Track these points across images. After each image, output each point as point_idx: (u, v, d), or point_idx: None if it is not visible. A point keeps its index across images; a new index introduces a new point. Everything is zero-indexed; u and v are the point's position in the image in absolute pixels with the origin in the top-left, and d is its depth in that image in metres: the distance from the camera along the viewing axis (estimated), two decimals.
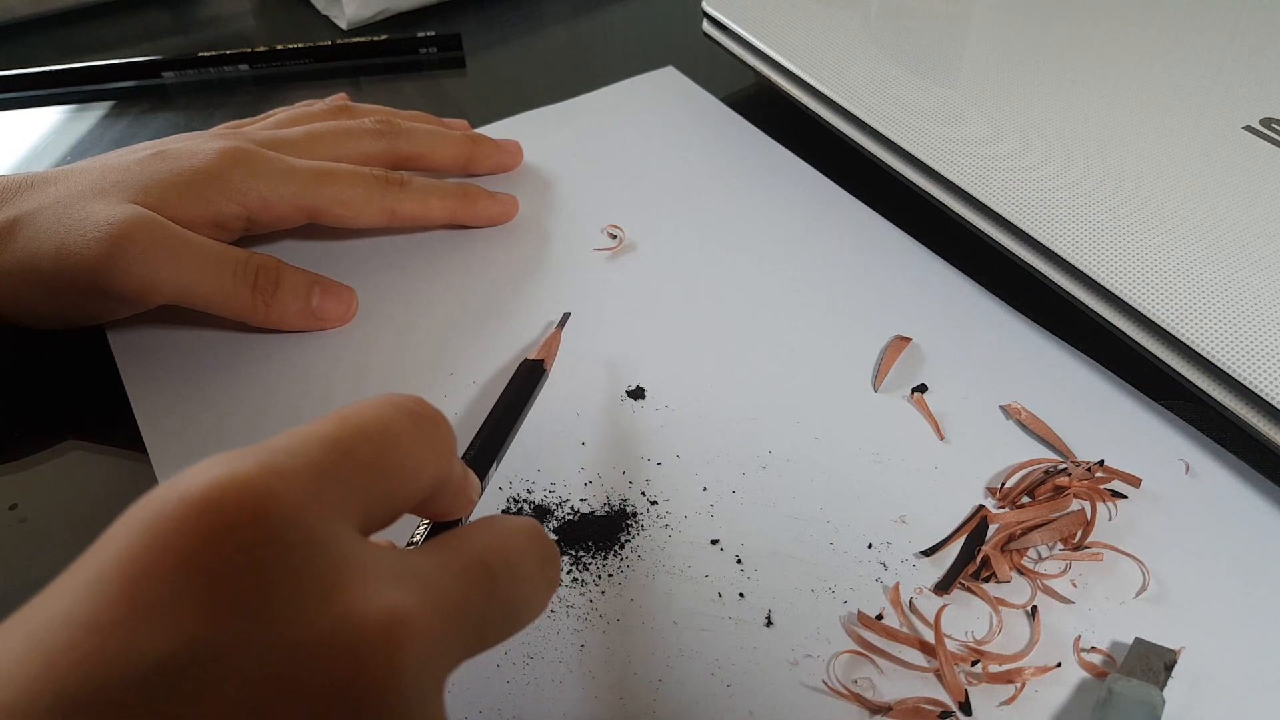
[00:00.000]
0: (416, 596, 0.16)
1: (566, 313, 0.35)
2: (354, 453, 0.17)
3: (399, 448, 0.18)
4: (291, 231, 0.38)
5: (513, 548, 0.19)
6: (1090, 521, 0.29)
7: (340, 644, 0.15)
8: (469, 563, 0.18)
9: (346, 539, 0.16)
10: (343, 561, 0.16)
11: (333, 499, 0.16)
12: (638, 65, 0.49)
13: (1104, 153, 0.35)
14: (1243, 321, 0.29)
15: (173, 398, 0.33)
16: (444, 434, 0.20)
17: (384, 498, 0.18)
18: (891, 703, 0.25)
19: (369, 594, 0.15)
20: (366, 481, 0.17)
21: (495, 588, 0.18)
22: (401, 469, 0.18)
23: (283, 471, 0.16)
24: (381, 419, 0.18)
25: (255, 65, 0.50)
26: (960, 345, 0.34)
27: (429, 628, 0.16)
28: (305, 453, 0.16)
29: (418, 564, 0.17)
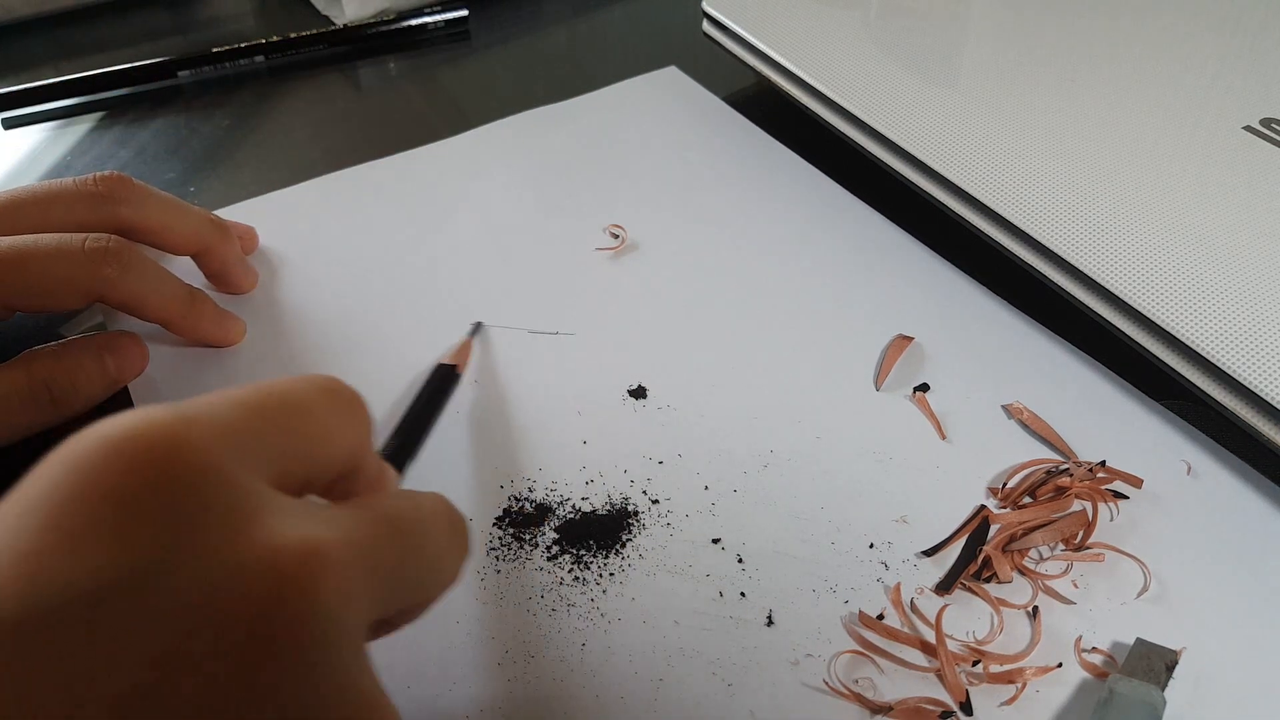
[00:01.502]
0: (330, 532, 0.17)
1: (478, 322, 0.35)
2: (267, 414, 0.18)
3: (312, 416, 0.19)
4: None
5: (422, 511, 0.20)
6: (1092, 522, 0.29)
7: (257, 571, 0.15)
8: (378, 516, 0.19)
9: (258, 485, 0.17)
10: (256, 499, 0.16)
11: (244, 451, 0.17)
12: (638, 65, 0.49)
13: (1104, 153, 0.35)
14: (1243, 321, 0.29)
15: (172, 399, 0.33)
16: (359, 410, 0.20)
17: (296, 462, 0.18)
18: (892, 703, 0.25)
19: (285, 527, 0.16)
20: (278, 442, 0.18)
21: (406, 539, 0.19)
22: (314, 436, 0.19)
23: (196, 420, 0.16)
24: (296, 389, 0.19)
25: (270, 56, 0.51)
26: (962, 345, 0.34)
27: (343, 561, 0.16)
28: (218, 408, 0.17)
29: (329, 512, 0.18)
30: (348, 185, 0.42)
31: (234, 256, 0.35)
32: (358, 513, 0.18)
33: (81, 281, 0.29)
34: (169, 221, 0.33)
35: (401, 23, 0.53)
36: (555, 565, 0.28)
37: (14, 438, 0.30)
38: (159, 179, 0.43)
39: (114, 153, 0.45)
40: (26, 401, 0.30)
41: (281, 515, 0.16)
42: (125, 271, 0.30)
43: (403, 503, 0.20)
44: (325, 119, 0.47)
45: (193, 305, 0.33)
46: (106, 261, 0.29)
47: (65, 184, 0.31)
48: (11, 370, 0.30)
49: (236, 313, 0.35)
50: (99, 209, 0.31)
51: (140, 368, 0.33)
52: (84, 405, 0.31)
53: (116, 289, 0.30)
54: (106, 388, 0.32)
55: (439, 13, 0.53)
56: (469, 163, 0.43)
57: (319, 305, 0.36)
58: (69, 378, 0.30)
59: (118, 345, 0.32)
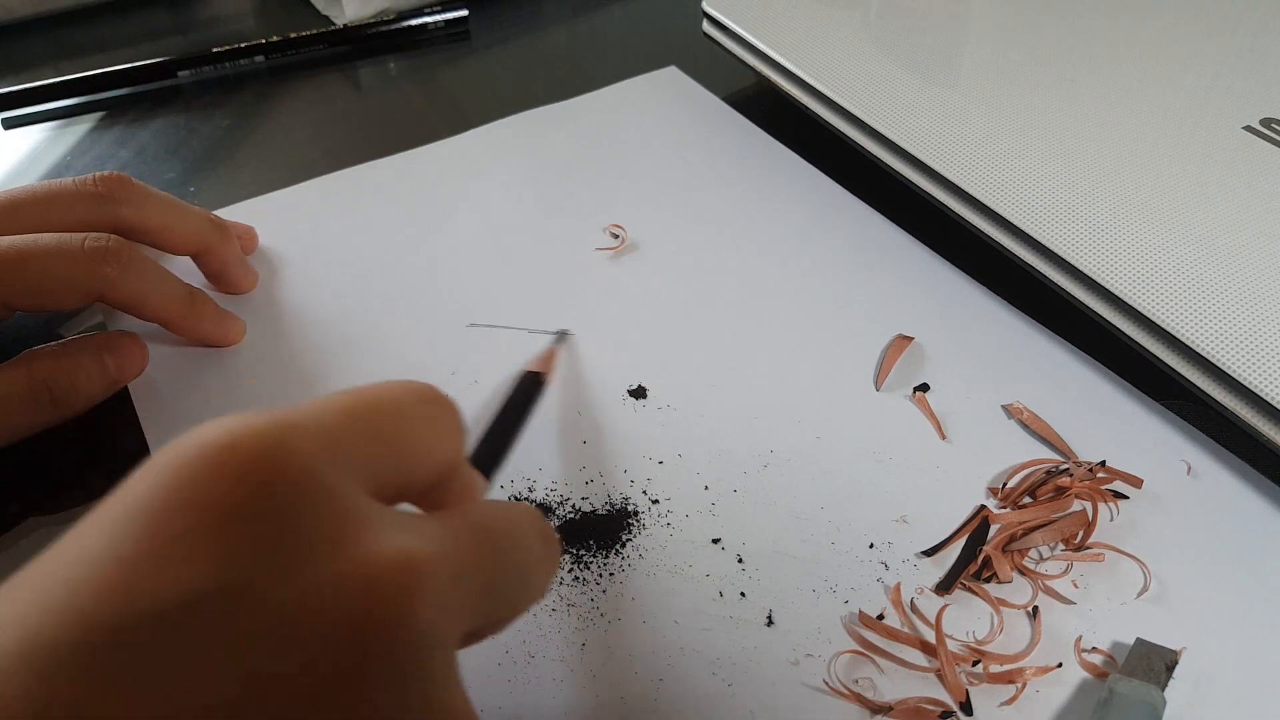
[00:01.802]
0: (426, 545, 0.16)
1: (563, 329, 0.34)
2: (366, 422, 0.18)
3: (410, 424, 0.19)
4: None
5: (513, 521, 0.20)
6: (1092, 522, 0.29)
7: (354, 583, 0.15)
8: (473, 527, 0.19)
9: (356, 493, 0.16)
10: (354, 510, 0.16)
11: (344, 460, 0.17)
12: (638, 65, 0.49)
13: (1104, 153, 0.35)
14: (1243, 321, 0.29)
15: (176, 404, 0.32)
16: (454, 419, 0.20)
17: (394, 470, 0.18)
18: (892, 703, 0.25)
19: (381, 539, 0.16)
20: (377, 450, 0.18)
21: (500, 553, 0.19)
22: (412, 445, 0.19)
23: (298, 427, 0.16)
24: (394, 396, 0.19)
25: (270, 56, 0.51)
26: (962, 345, 0.34)
27: (439, 574, 0.16)
28: (319, 416, 0.17)
29: (425, 523, 0.18)
30: (348, 185, 0.42)
31: (234, 256, 0.35)
32: (452, 523, 0.18)
33: (81, 281, 0.29)
34: (169, 221, 0.33)
35: (401, 23, 0.53)
36: None
37: (14, 438, 0.30)
38: (159, 179, 0.43)
39: (114, 153, 0.45)
40: (26, 401, 0.30)
41: (378, 527, 0.16)
42: (125, 271, 0.30)
43: (495, 514, 0.20)
44: (325, 119, 0.47)
45: (193, 305, 0.33)
46: (106, 261, 0.29)
47: (65, 184, 0.31)
48: (11, 370, 0.30)
49: (236, 313, 0.35)
50: (99, 209, 0.31)
51: (140, 368, 0.33)
52: (84, 405, 0.31)
53: (116, 288, 0.30)
54: (106, 388, 0.32)
55: (439, 13, 0.53)
56: (469, 163, 0.43)
57: (319, 305, 0.36)
58: (69, 377, 0.30)
59: (118, 345, 0.32)
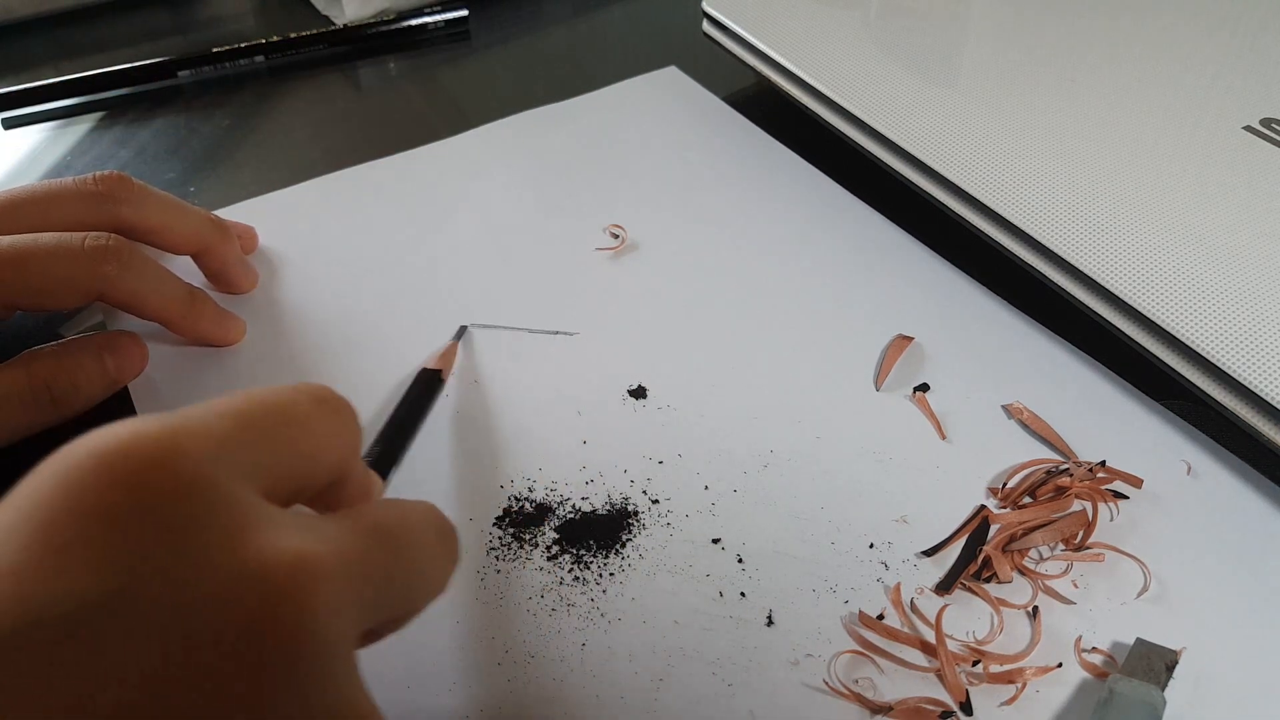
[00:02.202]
0: (320, 545, 0.16)
1: (463, 326, 0.35)
2: (258, 424, 0.18)
3: (303, 426, 0.19)
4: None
5: (411, 518, 0.20)
6: (1092, 522, 0.29)
7: (249, 585, 0.15)
8: (368, 526, 0.19)
9: (250, 497, 0.16)
10: (247, 512, 0.16)
11: (236, 463, 0.17)
12: (638, 65, 0.49)
13: (1104, 153, 0.35)
14: (1243, 321, 0.29)
15: (176, 404, 0.32)
16: (348, 420, 0.20)
17: (287, 472, 0.18)
18: (892, 703, 0.25)
19: (276, 539, 0.16)
20: (269, 453, 0.18)
21: (394, 550, 0.19)
22: (304, 446, 0.19)
23: (188, 431, 0.16)
24: (287, 398, 0.19)
25: (270, 56, 0.51)
26: (962, 345, 0.34)
27: (334, 573, 0.16)
28: (209, 419, 0.17)
29: (319, 523, 0.18)
30: (348, 185, 0.42)
31: (234, 256, 0.35)
32: (347, 523, 0.18)
33: (81, 280, 0.29)
34: (169, 221, 0.33)
35: (401, 23, 0.53)
36: (555, 565, 0.28)
37: (14, 438, 0.30)
38: (159, 179, 0.43)
39: (114, 153, 0.45)
40: (26, 401, 0.30)
41: (272, 528, 0.16)
42: (125, 270, 0.30)
43: (391, 512, 0.20)
44: (325, 119, 0.47)
45: (193, 304, 0.33)
46: (106, 260, 0.29)
47: (65, 184, 0.31)
48: (11, 370, 0.30)
49: (236, 313, 0.35)
50: (99, 208, 0.31)
51: (140, 367, 0.33)
52: (84, 405, 0.31)
53: (116, 287, 0.30)
54: (106, 387, 0.32)
55: (439, 13, 0.53)
56: (469, 163, 0.43)
57: (319, 305, 0.36)
58: (69, 377, 0.30)
59: (117, 345, 0.32)
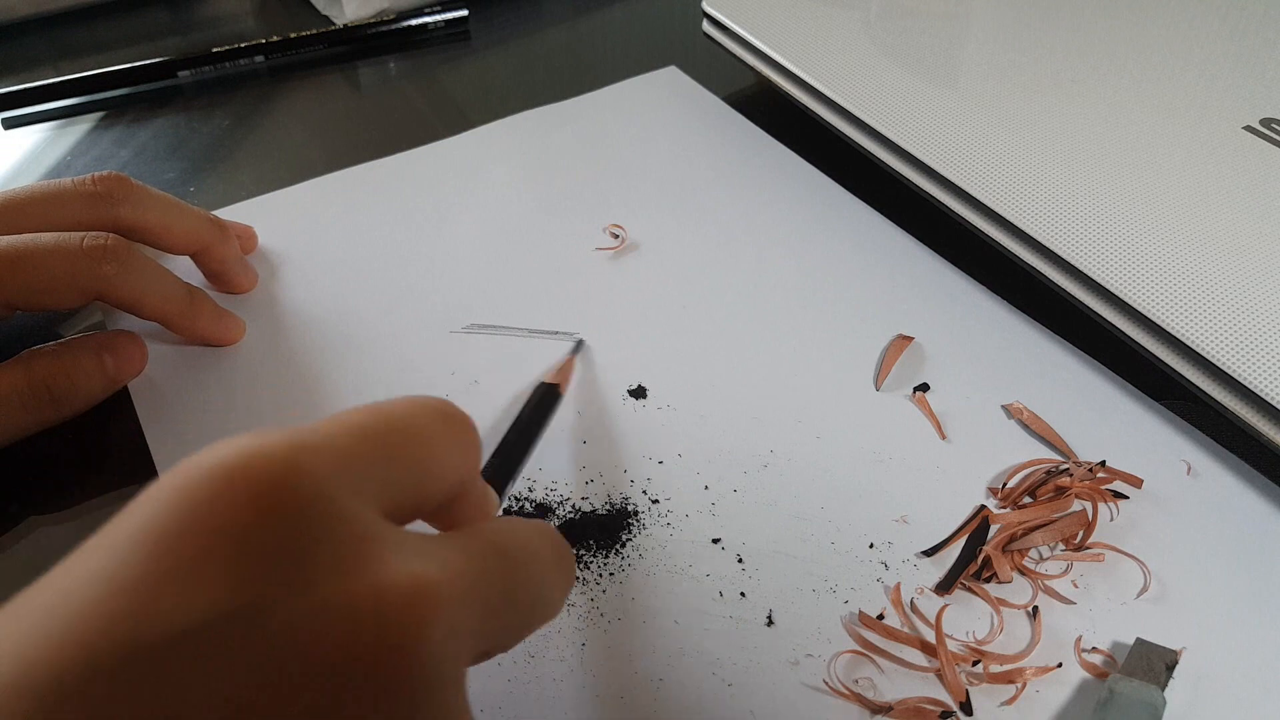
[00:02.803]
0: (438, 569, 0.16)
1: (580, 339, 0.34)
2: (382, 441, 0.18)
3: (426, 443, 0.18)
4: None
5: (528, 539, 0.20)
6: (1092, 522, 0.29)
7: (365, 610, 0.15)
8: (487, 547, 0.18)
9: (370, 516, 0.16)
10: (367, 534, 0.16)
11: (358, 481, 0.17)
12: (639, 65, 0.49)
13: (1104, 153, 0.35)
14: (1243, 321, 0.29)
15: (176, 404, 0.32)
16: (470, 437, 0.20)
17: (408, 490, 0.18)
18: (892, 703, 0.25)
19: (393, 564, 0.16)
20: (392, 470, 0.18)
21: (513, 573, 0.19)
22: (427, 464, 0.18)
23: (311, 448, 0.16)
24: (411, 414, 0.19)
25: (271, 56, 0.51)
26: (962, 345, 0.34)
27: (450, 599, 0.16)
28: (333, 435, 0.17)
29: (437, 544, 0.17)
30: (348, 185, 0.42)
31: (233, 256, 0.35)
32: (466, 544, 0.18)
33: (80, 279, 0.29)
34: (168, 221, 0.33)
35: (401, 23, 0.53)
36: None
37: (14, 437, 0.30)
38: (159, 179, 0.43)
39: (114, 153, 0.45)
40: (26, 401, 0.30)
41: (390, 550, 0.16)
42: (124, 269, 0.30)
43: (510, 532, 0.19)
44: (325, 119, 0.47)
45: (192, 304, 0.33)
46: (105, 259, 0.29)
47: (64, 184, 0.31)
48: (11, 370, 0.30)
49: (236, 313, 0.35)
50: (98, 209, 0.31)
51: (139, 367, 0.33)
52: (84, 405, 0.31)
53: (115, 287, 0.30)
54: (106, 387, 0.32)
55: (439, 13, 0.53)
56: (469, 163, 0.43)
57: (319, 305, 0.36)
58: (68, 377, 0.30)
59: (117, 344, 0.32)
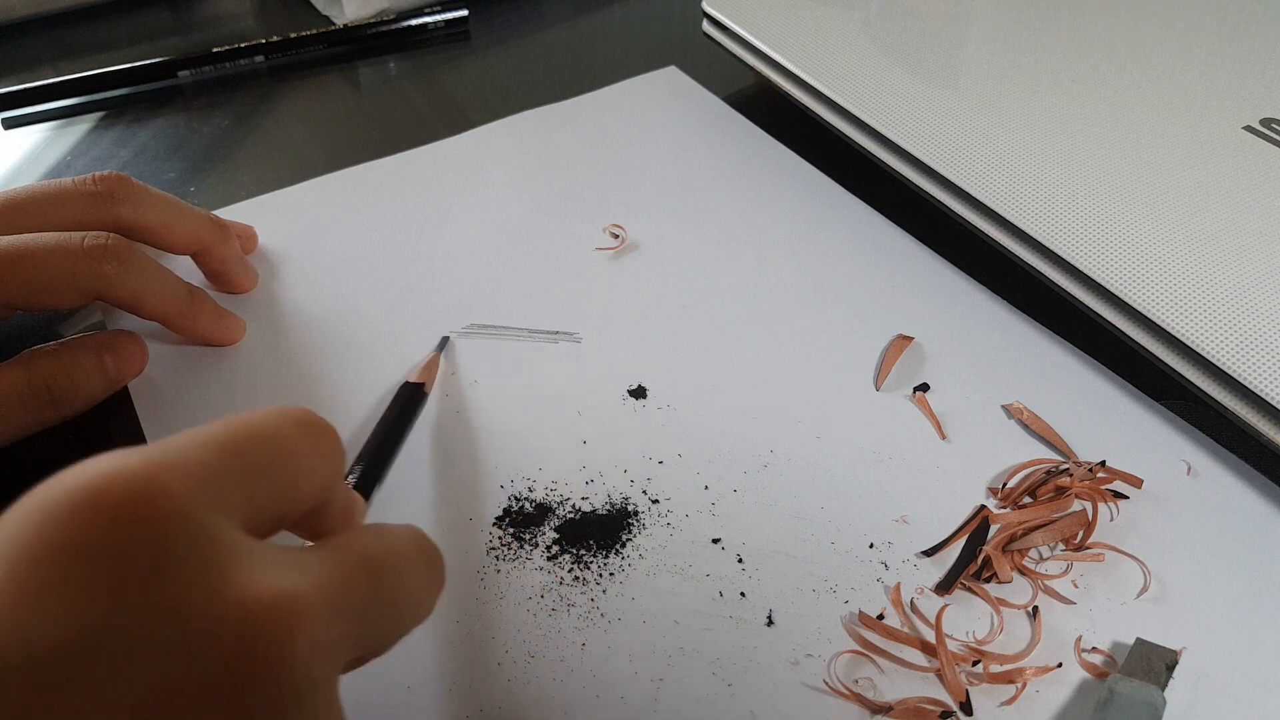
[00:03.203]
0: (302, 582, 0.16)
1: (445, 336, 0.34)
2: (241, 454, 0.17)
3: (286, 453, 0.18)
4: None
5: (396, 545, 0.20)
6: (1092, 522, 0.29)
7: (229, 625, 0.15)
8: (352, 556, 0.18)
9: (231, 532, 0.16)
10: (228, 550, 0.16)
11: (218, 496, 0.16)
12: (639, 65, 0.49)
13: (1104, 153, 0.35)
14: (1243, 321, 0.29)
15: (176, 404, 0.32)
16: (332, 444, 0.20)
17: (269, 501, 0.18)
18: (892, 703, 0.25)
19: (256, 578, 0.16)
20: (252, 483, 0.17)
21: (380, 580, 0.19)
22: (288, 475, 0.18)
23: (170, 465, 0.16)
24: (270, 425, 0.18)
25: (271, 56, 0.51)
26: (962, 345, 0.34)
27: (315, 611, 0.16)
28: (192, 451, 0.17)
29: (301, 556, 0.17)
30: (348, 185, 0.42)
31: (233, 256, 0.35)
32: (330, 554, 0.18)
33: (80, 279, 0.29)
34: (168, 221, 0.33)
35: (401, 23, 0.53)
36: (555, 565, 0.28)
37: (14, 437, 0.30)
38: (159, 179, 0.43)
39: (114, 153, 0.45)
40: (26, 401, 0.30)
41: (253, 564, 0.16)
42: (124, 269, 0.30)
43: (376, 540, 0.19)
44: (325, 119, 0.47)
45: (192, 303, 0.33)
46: (105, 259, 0.29)
47: (65, 184, 0.31)
48: (11, 370, 0.30)
49: (236, 312, 0.35)
50: (98, 208, 0.31)
51: (140, 367, 0.33)
52: (84, 405, 0.31)
53: (115, 287, 0.30)
54: (106, 387, 0.32)
55: (439, 13, 0.53)
56: (469, 163, 0.43)
57: (319, 305, 0.36)
58: (68, 377, 0.30)
59: (117, 344, 0.32)
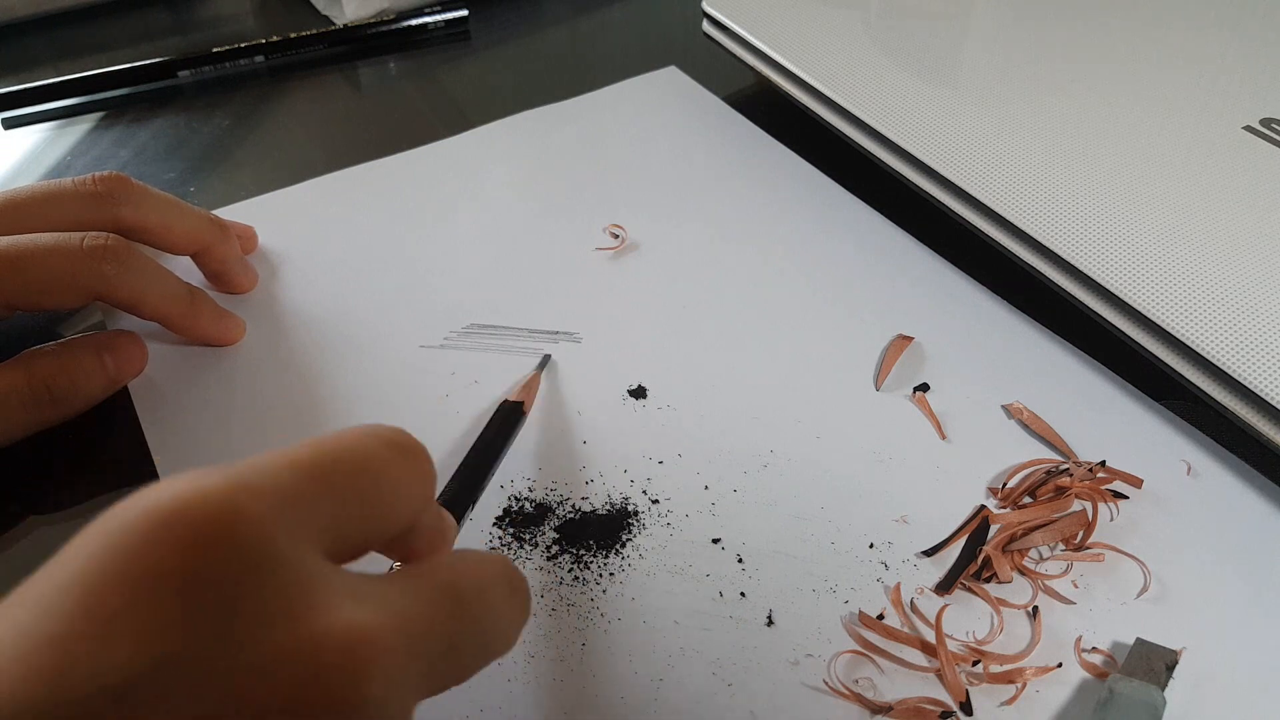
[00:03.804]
0: (381, 617, 0.16)
1: (546, 355, 0.34)
2: (327, 478, 0.17)
3: (376, 476, 0.18)
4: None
5: (482, 575, 0.19)
6: (1092, 522, 0.29)
7: (302, 662, 0.15)
8: (436, 587, 0.18)
9: (312, 561, 0.16)
10: (307, 581, 0.15)
11: (301, 522, 0.16)
12: (639, 65, 0.49)
13: (1104, 153, 0.35)
14: (1243, 321, 0.29)
15: (176, 404, 0.33)
16: (424, 467, 0.19)
17: (356, 526, 0.17)
18: (892, 703, 0.25)
19: (332, 613, 0.15)
20: (338, 508, 0.17)
21: (464, 613, 0.18)
22: (377, 498, 0.18)
23: (252, 489, 0.15)
24: (360, 446, 0.18)
25: (270, 56, 0.51)
26: (962, 345, 0.34)
27: (393, 648, 0.16)
28: (276, 474, 0.16)
29: (383, 587, 0.17)
30: (348, 185, 0.42)
31: (233, 256, 0.35)
32: (415, 584, 0.18)
33: (80, 279, 0.29)
34: (168, 221, 0.33)
35: (401, 23, 0.53)
36: (555, 565, 0.28)
37: (14, 438, 0.30)
38: (159, 179, 0.43)
39: (114, 153, 0.45)
40: (26, 401, 0.30)
41: (333, 595, 0.15)
42: (124, 269, 0.30)
43: (463, 569, 0.19)
44: (325, 119, 0.47)
45: (192, 303, 0.33)
46: (105, 259, 0.29)
47: (64, 184, 0.31)
48: (10, 370, 0.30)
49: (236, 312, 0.35)
50: (98, 209, 0.31)
51: (139, 367, 0.33)
52: (84, 405, 0.31)
53: (115, 287, 0.30)
54: (106, 387, 0.32)
55: (439, 13, 0.53)
56: (469, 163, 0.43)
57: (319, 305, 0.36)
58: (68, 377, 0.30)
59: (117, 344, 0.32)
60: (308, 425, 0.31)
